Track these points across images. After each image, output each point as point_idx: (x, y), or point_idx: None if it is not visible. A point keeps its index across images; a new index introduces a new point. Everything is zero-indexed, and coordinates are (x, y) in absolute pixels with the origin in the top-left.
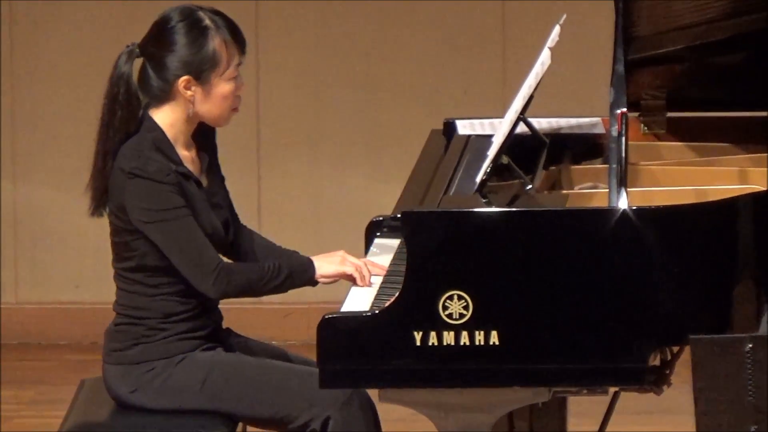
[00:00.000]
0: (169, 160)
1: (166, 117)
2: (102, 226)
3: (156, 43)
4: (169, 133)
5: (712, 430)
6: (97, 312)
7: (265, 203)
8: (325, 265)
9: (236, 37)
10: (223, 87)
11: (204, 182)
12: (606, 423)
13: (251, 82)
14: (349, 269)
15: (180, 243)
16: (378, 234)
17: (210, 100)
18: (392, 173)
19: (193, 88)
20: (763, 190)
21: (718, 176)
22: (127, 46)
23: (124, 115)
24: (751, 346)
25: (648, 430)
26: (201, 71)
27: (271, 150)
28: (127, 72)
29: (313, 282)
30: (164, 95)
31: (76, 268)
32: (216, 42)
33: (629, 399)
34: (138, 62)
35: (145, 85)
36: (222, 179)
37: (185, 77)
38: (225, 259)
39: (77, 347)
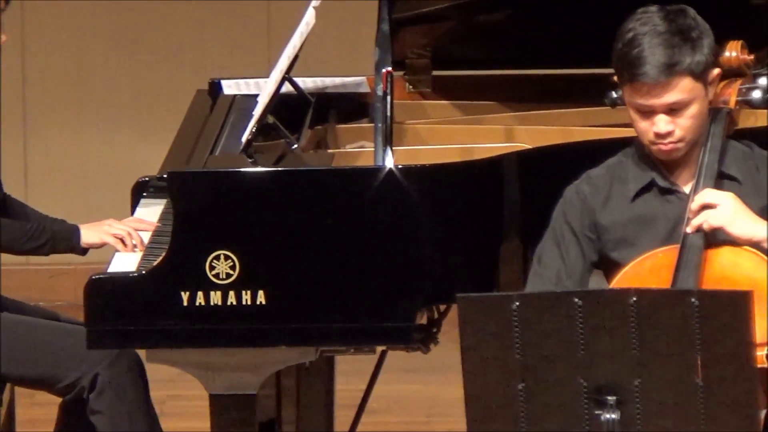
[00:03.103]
0: None
1: None
2: None
3: None
4: None
5: (479, 387)
6: None
7: (32, 166)
8: (90, 233)
9: None
10: None
11: None
12: (374, 381)
13: (16, 44)
14: (112, 239)
15: None
16: (144, 194)
17: None
18: (158, 134)
19: None
20: (529, 148)
21: (484, 134)
22: None
23: None
24: (518, 304)
25: (416, 388)
26: None
27: (37, 112)
28: None
29: (77, 249)
30: None
31: None
32: None
33: (397, 357)
34: None
35: None
36: None
37: None
38: None
39: None
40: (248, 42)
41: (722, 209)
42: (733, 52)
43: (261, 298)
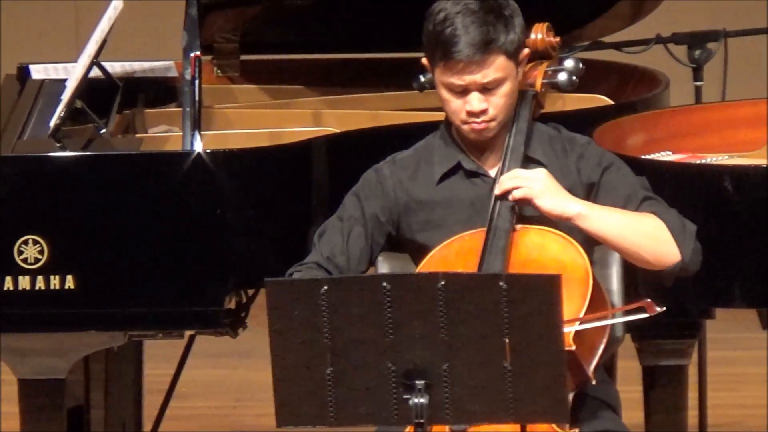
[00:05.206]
0: None
1: None
2: None
3: None
4: None
5: (287, 372)
6: None
7: None
8: None
9: None
10: None
11: None
12: (182, 366)
13: None
14: None
15: None
16: None
17: None
18: None
19: None
20: (337, 132)
21: (293, 118)
22: None
23: None
24: (326, 288)
25: (224, 373)
26: None
27: None
28: None
29: None
30: None
31: None
32: None
33: (205, 342)
34: None
35: None
36: None
37: None
38: None
39: None
40: (56, 26)
41: (532, 183)
42: (538, 34)
43: (69, 282)
